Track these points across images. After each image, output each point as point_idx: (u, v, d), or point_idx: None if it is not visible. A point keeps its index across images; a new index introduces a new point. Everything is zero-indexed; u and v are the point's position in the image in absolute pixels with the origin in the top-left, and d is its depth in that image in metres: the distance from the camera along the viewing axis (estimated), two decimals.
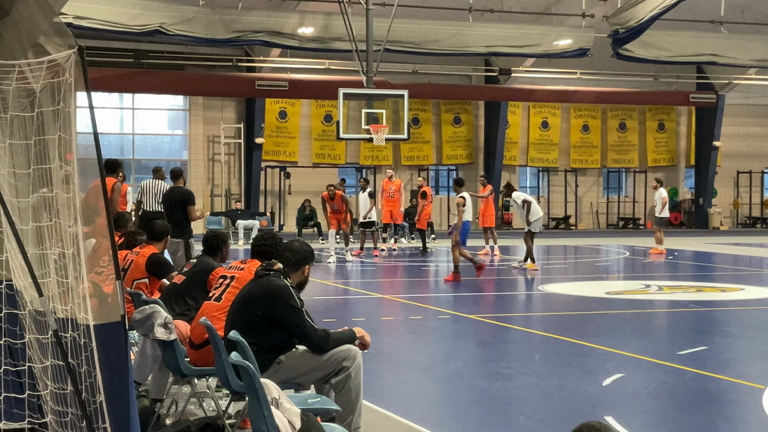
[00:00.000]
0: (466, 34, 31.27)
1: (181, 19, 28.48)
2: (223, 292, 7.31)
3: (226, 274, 7.54)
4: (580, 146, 39.14)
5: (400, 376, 9.90)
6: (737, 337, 12.51)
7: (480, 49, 32.18)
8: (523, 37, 32.08)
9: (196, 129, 34.35)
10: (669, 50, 33.31)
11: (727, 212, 41.15)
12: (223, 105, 34.39)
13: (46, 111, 4.68)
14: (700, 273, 21.24)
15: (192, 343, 7.25)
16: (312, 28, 30.12)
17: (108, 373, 4.42)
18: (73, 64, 4.35)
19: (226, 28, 29.24)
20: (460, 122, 37.24)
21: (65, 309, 4.67)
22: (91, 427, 4.47)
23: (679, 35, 32.91)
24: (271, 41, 30.37)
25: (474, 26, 30.99)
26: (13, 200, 4.98)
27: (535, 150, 38.50)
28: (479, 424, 7.87)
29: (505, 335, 12.58)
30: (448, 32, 31.16)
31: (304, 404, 5.67)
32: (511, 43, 32.12)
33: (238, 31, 29.44)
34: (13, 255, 5.10)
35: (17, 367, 5.95)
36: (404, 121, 27.04)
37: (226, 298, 7.19)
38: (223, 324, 6.80)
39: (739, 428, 7.86)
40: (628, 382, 9.40)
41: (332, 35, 29.74)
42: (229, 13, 29.08)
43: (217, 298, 7.32)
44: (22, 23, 4.92)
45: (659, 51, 32.98)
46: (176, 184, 14.86)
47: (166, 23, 28.24)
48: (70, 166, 4.60)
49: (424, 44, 31.06)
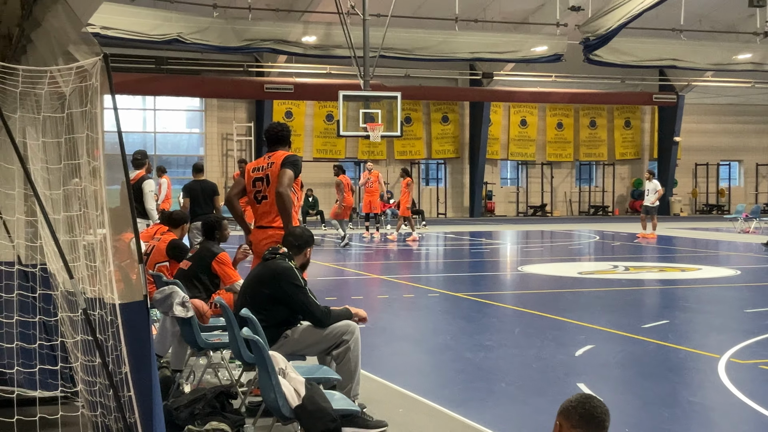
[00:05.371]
0: (452, 42, 31.26)
1: (197, 29, 28.46)
2: (268, 190, 7.56)
3: (261, 176, 7.62)
4: (554, 142, 39.14)
5: (395, 348, 9.92)
6: (695, 312, 12.54)
7: (465, 55, 32.20)
8: (504, 44, 32.10)
9: (211, 128, 34.32)
10: (634, 55, 33.32)
11: (687, 200, 41.24)
12: (235, 106, 34.33)
13: (75, 112, 4.66)
14: (662, 255, 21.27)
15: None
16: (315, 37, 30.08)
17: (132, 347, 4.42)
18: (99, 69, 4.33)
19: (237, 37, 29.22)
20: (447, 121, 37.21)
21: (93, 290, 4.67)
22: (117, 395, 4.46)
23: (643, 42, 32.93)
24: (278, 49, 30.38)
25: (460, 35, 30.95)
26: (46, 192, 4.96)
27: (515, 145, 38.50)
28: (465, 390, 7.88)
29: (487, 311, 12.58)
30: (436, 40, 31.14)
31: (308, 374, 5.67)
32: (493, 50, 32.15)
33: (249, 40, 29.42)
34: (47, 241, 5.09)
35: (51, 342, 5.95)
36: (398, 119, 27.03)
37: (271, 195, 7.50)
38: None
39: (697, 393, 7.88)
40: (598, 352, 9.42)
41: (333, 43, 29.72)
42: (240, 23, 29.08)
43: (259, 200, 7.61)
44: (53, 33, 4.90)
45: (626, 56, 32.97)
46: (198, 177, 14.89)
47: (183, 33, 28.22)
48: (97, 161, 4.58)
49: (415, 51, 31.05)
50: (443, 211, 37.65)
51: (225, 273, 8.22)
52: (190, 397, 6.26)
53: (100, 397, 4.80)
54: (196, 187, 14.61)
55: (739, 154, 42.06)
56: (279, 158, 7.54)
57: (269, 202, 7.51)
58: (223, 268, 8.22)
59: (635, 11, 27.56)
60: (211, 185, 14.73)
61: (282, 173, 7.40)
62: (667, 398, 7.58)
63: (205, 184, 14.66)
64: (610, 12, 28.78)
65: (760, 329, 10.78)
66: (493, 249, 23.30)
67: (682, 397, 7.67)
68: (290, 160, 7.55)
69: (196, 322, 7.14)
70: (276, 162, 7.53)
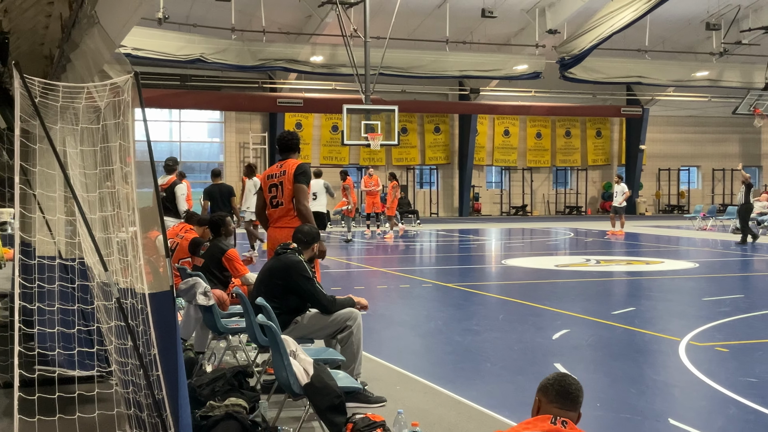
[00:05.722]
0: (443, 61, 31.25)
1: (217, 50, 28.45)
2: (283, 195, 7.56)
3: (275, 183, 7.60)
4: (534, 150, 39.11)
5: (392, 332, 9.92)
6: (658, 300, 12.55)
7: (455, 72, 32.18)
8: (489, 63, 32.08)
9: (229, 137, 34.28)
10: (604, 73, 33.32)
11: (651, 201, 41.21)
12: (251, 118, 34.30)
13: (109, 123, 4.66)
14: (629, 249, 21.28)
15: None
16: (321, 57, 30.07)
17: (160, 332, 4.42)
18: (131, 86, 4.33)
19: (253, 57, 29.20)
20: (439, 131, 37.18)
21: (125, 281, 4.66)
22: (147, 374, 4.46)
23: (612, 61, 32.93)
24: (289, 67, 30.37)
25: (450, 55, 30.95)
26: (83, 194, 4.96)
27: (499, 153, 38.47)
28: (454, 370, 7.88)
29: (474, 299, 12.60)
30: (429, 59, 31.13)
31: (316, 355, 5.67)
32: (479, 68, 32.13)
33: (263, 60, 29.40)
34: (84, 238, 5.09)
35: (88, 327, 5.95)
36: (395, 130, 27.04)
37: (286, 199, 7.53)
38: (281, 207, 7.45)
39: (660, 372, 7.89)
40: (573, 336, 9.43)
41: (338, 62, 29.71)
42: (255, 45, 29.06)
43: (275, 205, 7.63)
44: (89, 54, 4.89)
45: (597, 74, 32.98)
46: (217, 181, 14.90)
47: (205, 53, 28.21)
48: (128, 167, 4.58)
49: (410, 69, 31.03)
50: (435, 211, 37.65)
51: (234, 267, 8.19)
52: (211, 376, 6.26)
53: (132, 376, 4.80)
54: (214, 190, 14.62)
55: (697, 161, 42.06)
56: (290, 168, 7.54)
57: (284, 207, 7.53)
58: (232, 263, 8.18)
59: (605, 34, 27.58)
60: (228, 188, 14.76)
61: (297, 189, 7.48)
62: (634, 376, 7.60)
63: (223, 187, 14.69)
64: (583, 35, 28.79)
65: (715, 315, 10.80)
66: (480, 244, 23.30)
67: (646, 376, 7.68)
68: (300, 171, 7.57)
69: (217, 309, 7.15)
70: (288, 171, 7.53)
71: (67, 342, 5.83)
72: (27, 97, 4.62)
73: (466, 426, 5.94)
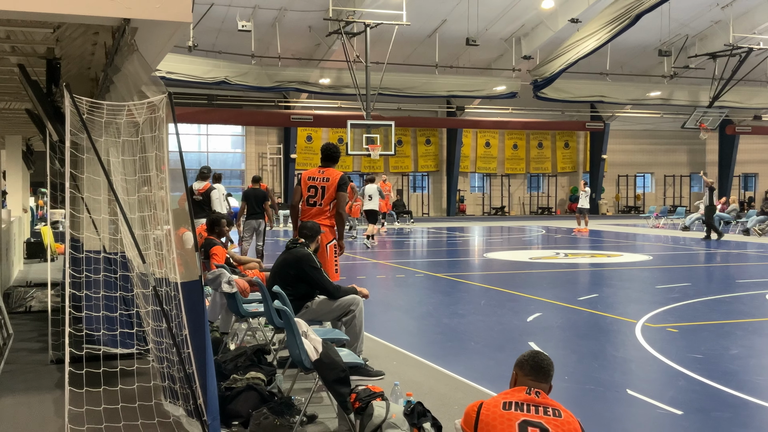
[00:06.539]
0: (433, 83, 31.25)
1: (239, 73, 28.44)
2: (322, 198, 7.50)
3: (316, 186, 7.56)
4: (511, 159, 39.10)
5: (390, 315, 9.92)
6: (618, 288, 12.55)
7: (443, 93, 32.18)
8: (472, 84, 32.09)
9: (250, 148, 34.28)
10: (571, 93, 33.32)
11: (611, 203, 41.21)
12: (268, 132, 34.30)
13: (146, 136, 4.66)
14: (593, 244, 21.28)
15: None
16: (329, 79, 30.06)
17: (190, 315, 4.42)
18: (165, 104, 4.33)
19: (270, 79, 29.19)
20: (430, 143, 37.17)
21: (161, 272, 4.66)
22: (179, 352, 4.46)
23: (578, 82, 32.93)
24: (301, 88, 30.37)
25: (439, 77, 30.96)
26: (124, 197, 4.96)
27: (481, 161, 38.46)
28: (443, 348, 7.88)
29: (460, 287, 12.59)
30: (421, 81, 31.13)
31: (324, 335, 5.66)
32: (464, 89, 32.13)
33: (278, 81, 29.39)
34: (125, 235, 5.09)
35: (128, 311, 5.95)
36: (392, 142, 26.98)
37: (325, 202, 7.50)
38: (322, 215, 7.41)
39: (619, 349, 7.89)
40: (544, 318, 9.43)
41: (343, 84, 29.72)
42: (272, 69, 29.06)
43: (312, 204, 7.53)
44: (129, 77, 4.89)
45: (565, 93, 32.98)
46: (254, 186, 14.76)
47: (229, 76, 28.21)
48: (163, 174, 4.58)
49: (405, 90, 31.04)
50: (427, 212, 37.65)
51: (211, 260, 7.91)
52: (234, 353, 6.25)
53: (166, 353, 4.80)
54: (250, 194, 14.54)
55: (651, 168, 42.06)
56: (333, 177, 7.56)
57: (321, 208, 7.53)
58: (212, 257, 7.95)
59: (572, 59, 27.61)
60: (263, 193, 14.58)
61: (340, 198, 7.55)
62: (597, 353, 7.60)
63: (258, 192, 14.52)
64: (554, 60, 28.82)
65: (667, 301, 10.80)
66: (465, 240, 23.29)
67: (608, 352, 7.68)
68: (342, 182, 7.65)
69: (239, 296, 7.14)
70: (331, 179, 7.54)
71: (110, 324, 5.83)
72: (76, 113, 4.62)
73: (453, 395, 5.94)
